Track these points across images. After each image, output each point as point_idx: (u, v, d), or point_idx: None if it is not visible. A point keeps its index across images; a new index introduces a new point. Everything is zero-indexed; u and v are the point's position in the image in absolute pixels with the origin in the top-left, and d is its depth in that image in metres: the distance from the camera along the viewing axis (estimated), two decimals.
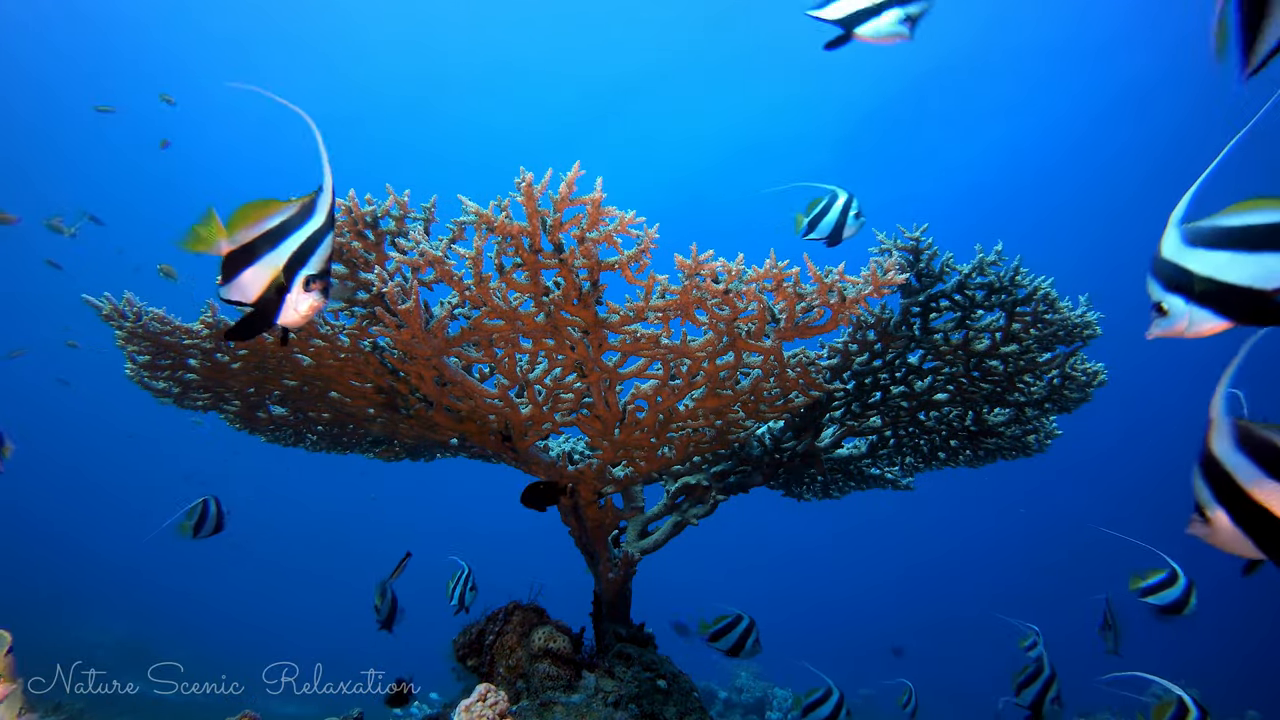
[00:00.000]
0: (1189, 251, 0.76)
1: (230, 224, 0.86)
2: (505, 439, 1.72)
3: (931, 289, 1.71)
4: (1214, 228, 0.75)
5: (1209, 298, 0.74)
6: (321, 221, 0.87)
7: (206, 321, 1.60)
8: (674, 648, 2.19)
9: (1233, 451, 0.74)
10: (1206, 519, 0.76)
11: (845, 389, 1.88)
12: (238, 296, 0.87)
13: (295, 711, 6.10)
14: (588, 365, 1.49)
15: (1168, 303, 0.77)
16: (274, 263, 0.85)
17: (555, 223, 1.26)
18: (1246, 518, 0.74)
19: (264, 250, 0.86)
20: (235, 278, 0.87)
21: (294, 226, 0.87)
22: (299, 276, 0.86)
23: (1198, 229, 0.76)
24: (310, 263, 0.86)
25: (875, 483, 2.37)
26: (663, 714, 1.65)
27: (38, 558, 11.75)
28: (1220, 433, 0.75)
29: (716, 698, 5.69)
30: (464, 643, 1.83)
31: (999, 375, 1.80)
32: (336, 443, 2.26)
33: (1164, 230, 0.78)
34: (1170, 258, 0.77)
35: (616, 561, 1.94)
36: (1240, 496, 0.73)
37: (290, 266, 0.86)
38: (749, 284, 1.33)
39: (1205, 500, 0.76)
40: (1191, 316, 0.76)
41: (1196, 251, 0.75)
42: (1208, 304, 0.75)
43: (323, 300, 0.87)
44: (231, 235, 0.86)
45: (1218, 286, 0.73)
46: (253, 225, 0.86)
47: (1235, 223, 0.73)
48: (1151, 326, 0.80)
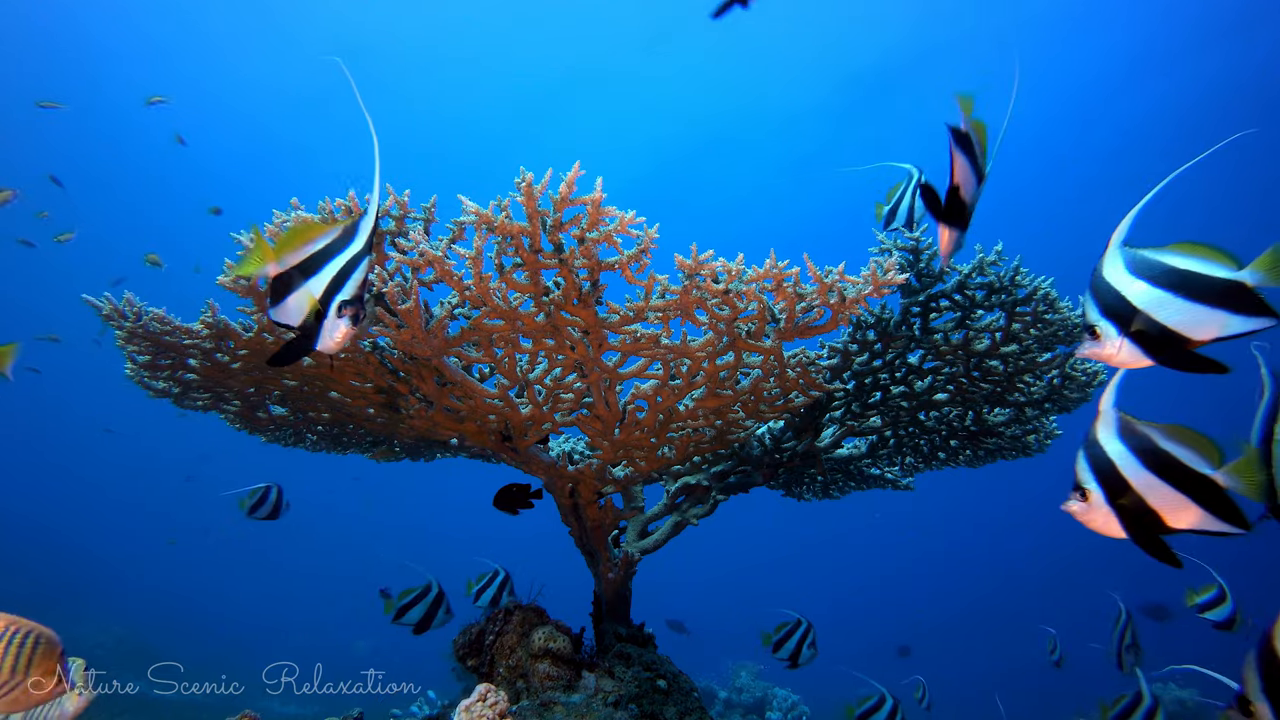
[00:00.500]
0: (1131, 280, 0.79)
1: (278, 247, 0.88)
2: (505, 439, 1.72)
3: (931, 289, 1.71)
4: (1158, 264, 0.78)
5: (1142, 335, 0.79)
6: (360, 247, 0.88)
7: (206, 321, 1.59)
8: (674, 647, 2.18)
9: (1115, 439, 0.81)
10: (1085, 496, 0.82)
11: (845, 389, 1.88)
12: (283, 320, 0.89)
13: (295, 711, 6.11)
14: (588, 365, 1.49)
15: (1101, 327, 0.81)
16: (314, 290, 0.87)
17: (555, 223, 1.26)
18: (1120, 501, 0.80)
19: (305, 276, 0.87)
20: (281, 302, 0.88)
21: (334, 252, 0.88)
22: (334, 303, 0.87)
23: (1143, 260, 0.79)
24: (345, 288, 0.87)
25: (875, 483, 2.37)
26: (663, 714, 1.65)
27: (37, 557, 11.74)
28: (1106, 422, 0.81)
29: (716, 698, 5.69)
30: (464, 643, 1.83)
31: (999, 375, 1.80)
32: (336, 443, 2.26)
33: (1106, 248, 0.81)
34: (1112, 282, 0.80)
35: (616, 561, 1.94)
36: (1118, 480, 0.80)
37: (327, 294, 0.87)
38: (749, 284, 1.33)
39: (1085, 480, 0.82)
40: (1122, 348, 0.80)
41: (1138, 282, 0.78)
42: (1139, 340, 0.79)
43: (353, 327, 0.88)
44: (279, 258, 0.88)
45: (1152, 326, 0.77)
46: (297, 249, 0.88)
47: (1179, 264, 0.77)
48: (1081, 346, 0.83)
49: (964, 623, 14.60)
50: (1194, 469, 0.77)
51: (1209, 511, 0.77)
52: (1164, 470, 0.78)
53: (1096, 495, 0.81)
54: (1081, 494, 0.82)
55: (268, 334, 1.58)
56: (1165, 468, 0.78)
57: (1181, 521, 0.78)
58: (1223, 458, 0.76)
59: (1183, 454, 0.78)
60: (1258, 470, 0.75)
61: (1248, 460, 0.75)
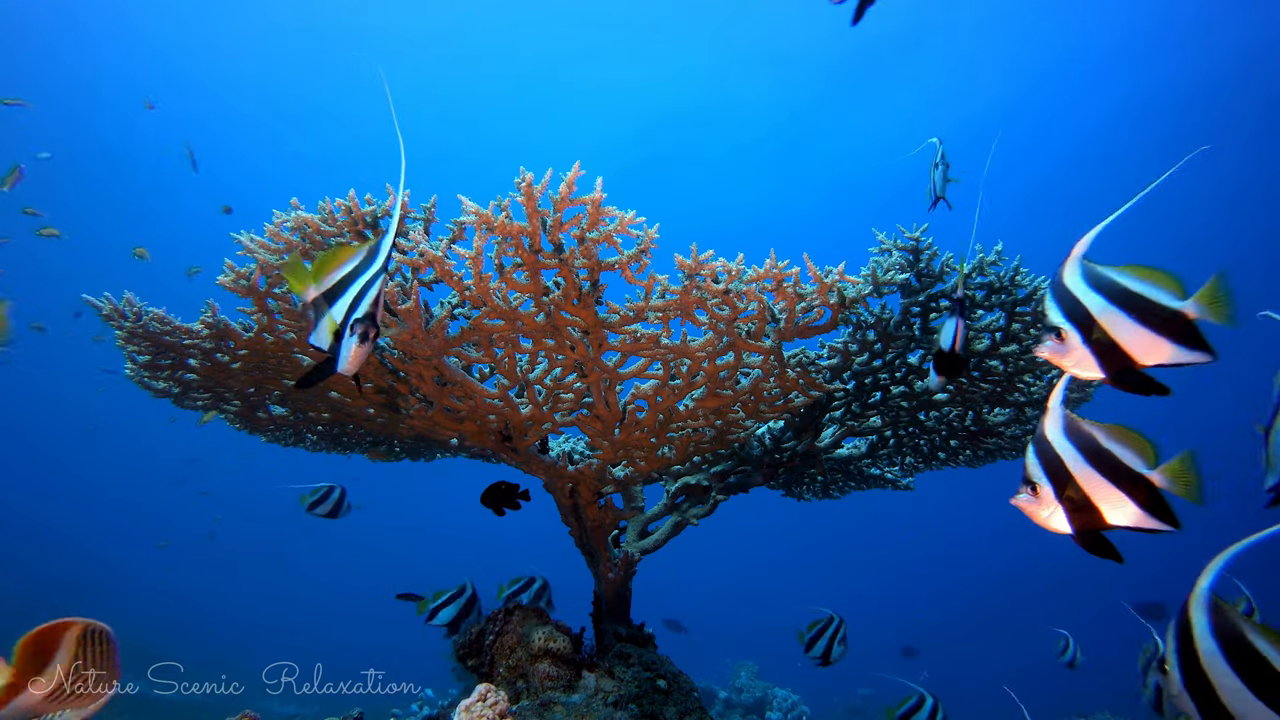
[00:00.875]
0: (1091, 293, 0.82)
1: (315, 271, 0.91)
2: (505, 439, 1.72)
3: (931, 289, 1.70)
4: (1114, 282, 0.81)
5: (1101, 347, 0.81)
6: (377, 266, 0.90)
7: (206, 321, 1.60)
8: (674, 647, 2.18)
9: (1062, 438, 0.83)
10: (1034, 491, 0.84)
11: (845, 389, 1.88)
12: (316, 344, 0.91)
13: (295, 711, 6.10)
14: (588, 365, 1.49)
15: (1067, 332, 0.83)
16: (336, 315, 0.89)
17: (555, 223, 1.26)
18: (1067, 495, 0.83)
19: (331, 300, 0.90)
20: (315, 327, 0.91)
21: (357, 275, 0.90)
22: (349, 322, 0.89)
23: (1102, 277, 0.82)
24: (359, 307, 0.89)
25: (875, 483, 2.37)
26: (663, 714, 1.65)
27: (37, 556, 11.75)
28: (1054, 420, 0.84)
29: (716, 698, 5.69)
30: (464, 643, 1.83)
31: (999, 375, 1.80)
32: (336, 443, 2.26)
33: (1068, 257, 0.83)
34: (1073, 290, 0.82)
35: (616, 561, 1.94)
36: (1065, 476, 0.82)
37: (345, 317, 0.89)
38: (749, 284, 1.33)
39: (1036, 475, 0.84)
40: (1083, 358, 0.83)
41: (1095, 296, 0.81)
42: (1098, 353, 0.82)
43: (364, 344, 0.89)
44: (317, 282, 0.91)
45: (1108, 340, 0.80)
46: (330, 273, 0.91)
47: (1132, 286, 0.80)
48: (1043, 346, 0.85)
49: (965, 623, 14.60)
50: (1133, 468, 0.79)
51: (1145, 510, 0.79)
52: (1107, 468, 0.80)
53: (1046, 490, 0.83)
54: (1031, 488, 0.85)
55: (268, 334, 1.58)
56: (1108, 466, 0.80)
57: (1120, 518, 0.80)
58: (1158, 458, 0.79)
59: (1123, 453, 0.80)
60: (1190, 470, 0.77)
61: (1181, 461, 0.78)
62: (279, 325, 1.56)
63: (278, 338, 1.58)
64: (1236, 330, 0.76)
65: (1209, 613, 0.76)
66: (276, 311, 1.54)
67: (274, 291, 1.50)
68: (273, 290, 1.50)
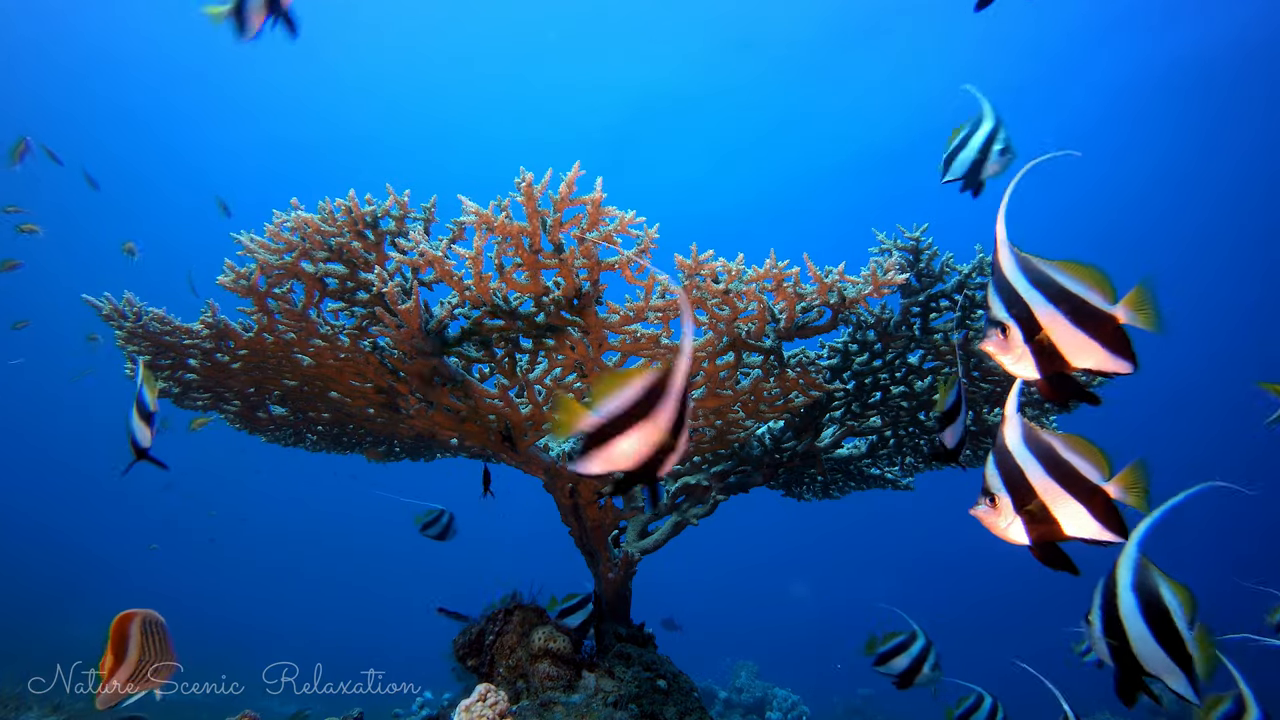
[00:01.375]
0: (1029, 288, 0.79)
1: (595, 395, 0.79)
2: (505, 439, 1.72)
3: (931, 289, 1.70)
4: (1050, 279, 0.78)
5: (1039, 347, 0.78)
6: None
7: (206, 321, 1.59)
8: (673, 647, 2.18)
9: (1022, 447, 0.82)
10: (993, 502, 0.83)
11: (845, 389, 1.88)
12: None
13: (295, 711, 6.09)
14: (588, 365, 1.49)
15: (1011, 329, 0.80)
16: None
17: (555, 223, 1.26)
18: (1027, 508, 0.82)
19: None
20: None
21: None
22: None
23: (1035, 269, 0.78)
24: None
25: (875, 483, 2.36)
26: (663, 714, 1.65)
27: (36, 556, 11.75)
28: (1012, 428, 0.83)
29: (716, 698, 5.68)
30: (464, 643, 1.83)
31: (999, 375, 1.80)
32: (336, 443, 2.26)
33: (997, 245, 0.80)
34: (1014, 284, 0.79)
35: (616, 561, 1.94)
36: (1027, 489, 0.81)
37: None
38: (749, 284, 1.33)
39: (995, 486, 0.83)
40: (1024, 356, 0.80)
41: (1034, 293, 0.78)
42: (1037, 352, 0.79)
43: None
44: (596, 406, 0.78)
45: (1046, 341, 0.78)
46: None
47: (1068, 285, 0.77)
48: (985, 340, 0.82)
49: (965, 623, 14.60)
50: (1090, 479, 0.79)
51: (1100, 522, 0.79)
52: (1066, 479, 0.80)
53: (1005, 501, 0.82)
54: (990, 499, 0.83)
55: (268, 334, 1.58)
56: (1067, 477, 0.80)
57: (1077, 530, 0.79)
58: (1112, 469, 0.79)
59: (1081, 464, 0.79)
60: (1142, 481, 0.77)
61: (1133, 471, 0.78)
62: (279, 325, 1.56)
63: (278, 338, 1.58)
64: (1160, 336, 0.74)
65: (1134, 570, 0.84)
66: (276, 311, 1.54)
67: (274, 291, 1.50)
68: (273, 290, 1.50)
